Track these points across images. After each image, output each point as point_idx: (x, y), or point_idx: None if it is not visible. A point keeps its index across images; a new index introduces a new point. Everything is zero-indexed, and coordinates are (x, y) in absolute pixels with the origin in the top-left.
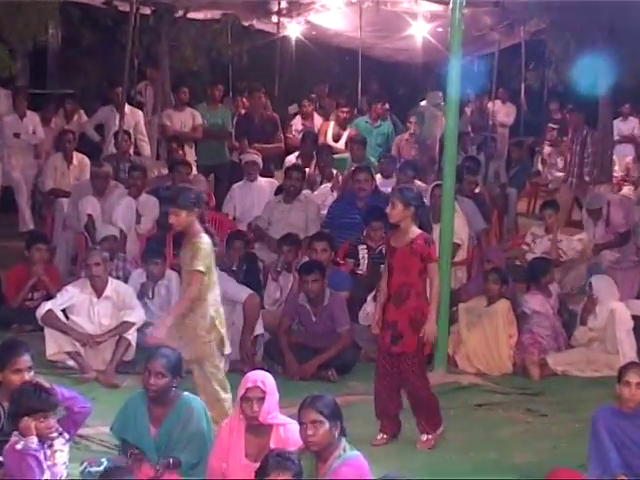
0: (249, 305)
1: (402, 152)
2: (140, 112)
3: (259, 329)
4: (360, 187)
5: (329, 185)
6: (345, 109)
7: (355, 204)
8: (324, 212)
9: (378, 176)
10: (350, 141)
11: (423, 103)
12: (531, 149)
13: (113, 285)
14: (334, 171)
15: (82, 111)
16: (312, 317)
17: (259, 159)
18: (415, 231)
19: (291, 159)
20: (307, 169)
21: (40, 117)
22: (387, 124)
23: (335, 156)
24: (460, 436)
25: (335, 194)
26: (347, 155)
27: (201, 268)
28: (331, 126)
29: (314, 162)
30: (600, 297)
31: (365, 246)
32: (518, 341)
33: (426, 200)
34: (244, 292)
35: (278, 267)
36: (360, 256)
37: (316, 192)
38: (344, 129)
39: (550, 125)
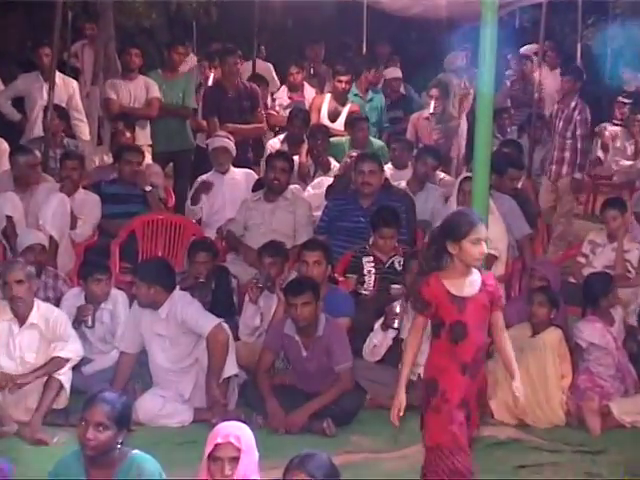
0: (215, 338)
1: (420, 135)
2: (75, 82)
3: (231, 368)
4: (365, 181)
5: (324, 178)
6: (344, 77)
7: (358, 203)
8: (318, 213)
9: (388, 166)
10: (350, 120)
11: (443, 74)
12: (590, 130)
13: (40, 310)
14: (331, 160)
15: None
16: (302, 351)
17: (232, 144)
18: (476, 268)
19: (275, 144)
20: (296, 157)
21: None
22: (379, 97)
23: (332, 140)
24: None
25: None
26: (345, 138)
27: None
28: (327, 100)
29: (305, 147)
30: None
31: (372, 258)
32: (573, 383)
33: (452, 197)
34: (208, 321)
35: (258, 284)
36: (365, 271)
37: (309, 188)
38: (343, 104)
39: (620, 99)
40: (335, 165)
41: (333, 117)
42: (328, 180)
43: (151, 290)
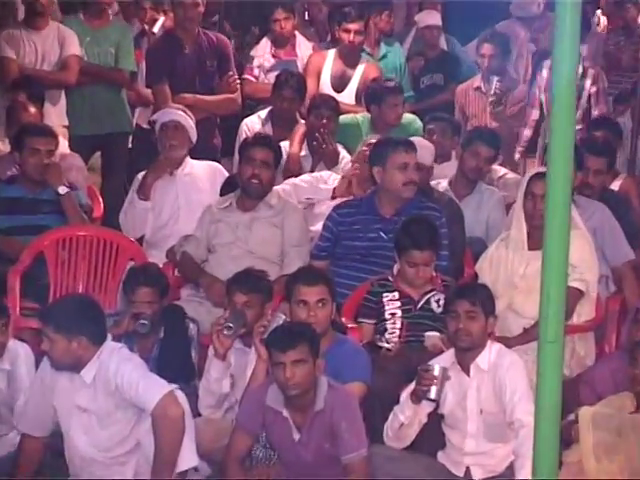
0: (164, 413)
1: (468, 112)
2: None
3: (189, 458)
4: (408, 179)
5: (328, 175)
6: (354, 25)
7: (377, 211)
8: (317, 227)
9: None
10: (369, 89)
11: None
12: None
13: None
14: (339, 148)
15: None
16: (294, 433)
17: (190, 122)
18: None
19: (253, 124)
20: (285, 143)
21: None
22: (397, 51)
23: (341, 118)
24: None
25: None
26: (361, 116)
27: None
28: (330, 59)
29: (299, 130)
30: None
31: (397, 295)
32: None
33: (517, 204)
34: (154, 388)
35: (225, 332)
36: (387, 314)
37: (299, 181)
38: (354, 65)
39: None
40: (345, 157)
41: (339, 84)
42: (334, 178)
43: (72, 343)
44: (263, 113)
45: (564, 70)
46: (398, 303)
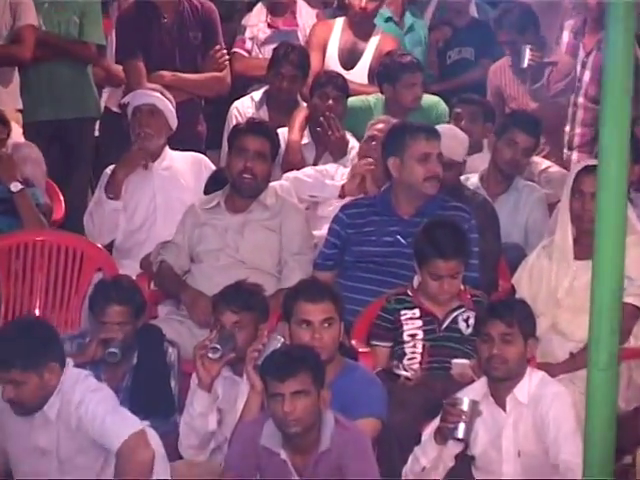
0: (131, 455)
1: (506, 94)
2: None
3: None
4: (431, 173)
5: (335, 168)
6: None
7: (394, 212)
8: (322, 232)
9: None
10: (381, 65)
11: None
12: None
13: None
14: (348, 136)
15: None
16: (293, 477)
17: (168, 104)
18: None
19: (245, 108)
20: (283, 130)
21: None
22: (421, 22)
23: (351, 101)
24: None
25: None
26: (374, 98)
27: None
28: (337, 29)
29: (301, 114)
30: None
31: (418, 312)
32: None
33: (563, 202)
34: (122, 425)
35: (211, 356)
36: (406, 335)
37: (301, 175)
38: (367, 36)
39: None
40: (354, 146)
41: (349, 60)
42: (342, 173)
43: (44, 376)
44: (257, 94)
45: (616, 50)
46: (419, 322)
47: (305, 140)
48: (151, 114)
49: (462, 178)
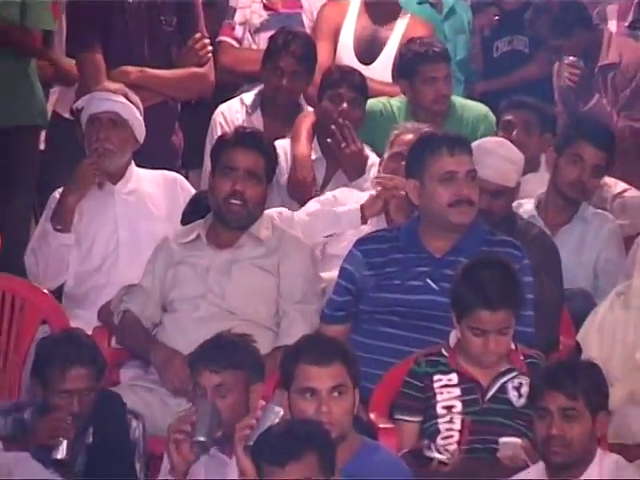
0: None
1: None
2: None
3: None
4: (460, 196)
5: (348, 195)
6: None
7: (424, 248)
8: (332, 274)
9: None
10: (400, 57)
11: None
12: None
13: None
14: (367, 150)
15: None
16: None
17: (134, 111)
18: None
19: (233, 112)
20: (282, 142)
21: None
22: (464, 4)
23: (370, 104)
24: None
25: (371, 223)
26: (398, 101)
27: None
28: (353, 12)
29: (304, 122)
30: None
31: (455, 378)
32: None
33: None
34: None
35: (192, 434)
36: (439, 407)
37: (319, 229)
38: (389, 21)
39: None
40: (375, 163)
41: (367, 51)
42: (357, 200)
43: None
44: (249, 96)
45: None
46: (457, 391)
47: (314, 155)
48: (113, 125)
49: (515, 204)
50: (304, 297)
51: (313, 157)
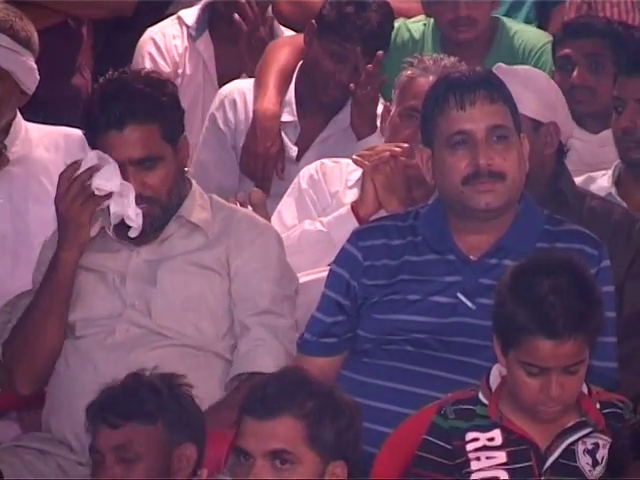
0: None
1: None
2: None
3: None
4: (486, 162)
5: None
6: None
7: (452, 248)
8: (316, 276)
9: (581, 132)
10: None
11: None
12: None
13: None
14: (381, 101)
15: None
16: None
17: (19, 55)
18: None
19: (168, 38)
20: (243, 82)
21: None
22: None
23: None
24: None
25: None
26: (423, 24)
27: None
28: None
29: (277, 56)
30: None
31: (498, 434)
32: None
33: None
34: None
35: None
36: (474, 478)
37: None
38: None
39: None
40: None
41: None
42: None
43: None
44: (190, 14)
45: None
46: (502, 456)
47: (286, 116)
48: None
49: (582, 179)
50: (272, 305)
51: (284, 119)
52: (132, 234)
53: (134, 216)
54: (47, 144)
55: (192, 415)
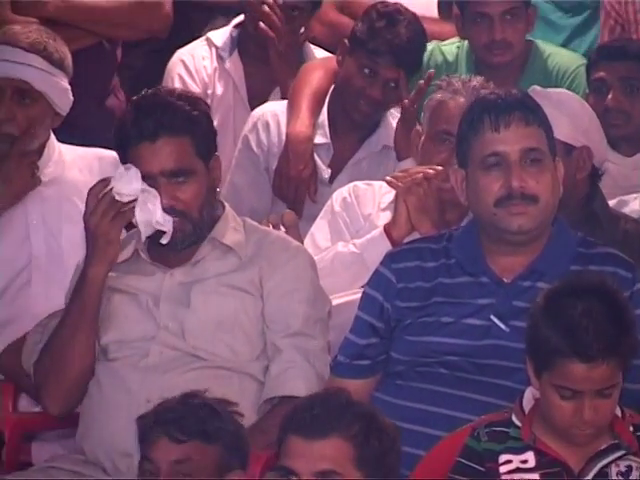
0: None
1: None
2: None
3: None
4: (518, 185)
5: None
6: None
7: (485, 271)
8: (349, 298)
9: (615, 155)
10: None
11: None
12: None
13: None
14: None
15: None
16: None
17: (52, 76)
18: None
19: (199, 60)
20: (275, 105)
21: None
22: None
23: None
24: None
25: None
26: (456, 46)
27: None
28: None
29: (310, 78)
30: None
31: (531, 456)
32: None
33: None
34: None
35: None
36: None
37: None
38: None
39: None
40: None
41: None
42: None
43: None
44: (219, 35)
45: None
46: (535, 477)
47: (319, 138)
48: (20, 97)
49: (616, 201)
50: (304, 327)
51: (317, 141)
52: (164, 240)
53: (163, 221)
54: (81, 166)
55: (244, 442)
